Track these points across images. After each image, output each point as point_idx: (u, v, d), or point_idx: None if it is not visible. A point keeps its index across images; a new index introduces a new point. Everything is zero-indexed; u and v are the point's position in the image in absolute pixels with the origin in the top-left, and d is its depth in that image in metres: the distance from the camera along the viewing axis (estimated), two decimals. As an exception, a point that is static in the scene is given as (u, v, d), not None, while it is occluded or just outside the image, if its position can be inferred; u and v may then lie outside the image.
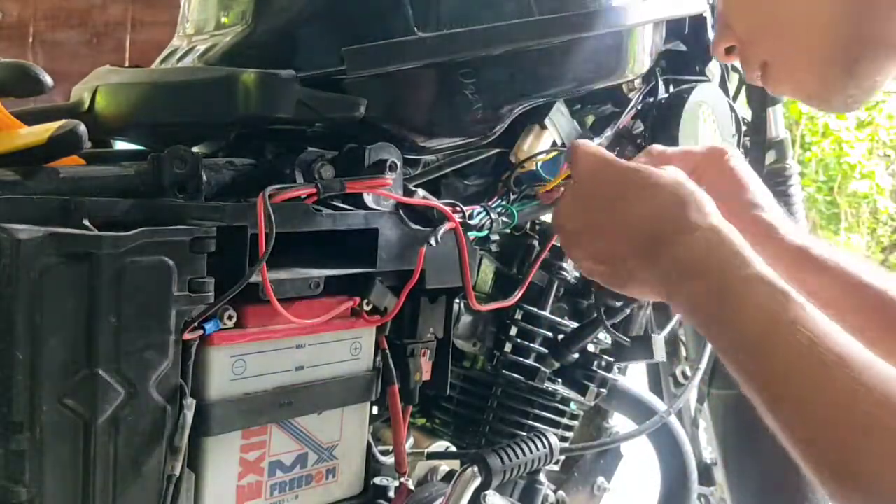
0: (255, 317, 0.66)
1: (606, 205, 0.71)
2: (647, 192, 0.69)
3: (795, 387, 0.57)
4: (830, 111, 0.82)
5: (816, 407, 0.56)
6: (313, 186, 0.68)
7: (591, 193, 0.72)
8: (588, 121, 0.94)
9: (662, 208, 0.68)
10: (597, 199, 0.72)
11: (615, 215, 0.70)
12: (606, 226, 0.71)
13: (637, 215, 0.69)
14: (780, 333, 0.59)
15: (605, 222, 0.71)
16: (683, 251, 0.65)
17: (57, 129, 0.63)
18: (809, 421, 0.57)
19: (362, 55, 0.74)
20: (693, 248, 0.65)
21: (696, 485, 1.15)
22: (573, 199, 0.74)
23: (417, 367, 0.78)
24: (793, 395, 0.58)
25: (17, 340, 0.55)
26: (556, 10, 0.81)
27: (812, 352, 0.57)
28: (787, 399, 0.58)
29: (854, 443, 0.54)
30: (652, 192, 0.69)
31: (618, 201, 0.70)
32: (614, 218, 0.70)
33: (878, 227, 4.43)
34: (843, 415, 0.55)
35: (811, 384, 0.57)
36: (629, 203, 0.69)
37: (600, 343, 0.98)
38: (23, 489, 0.56)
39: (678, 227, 0.66)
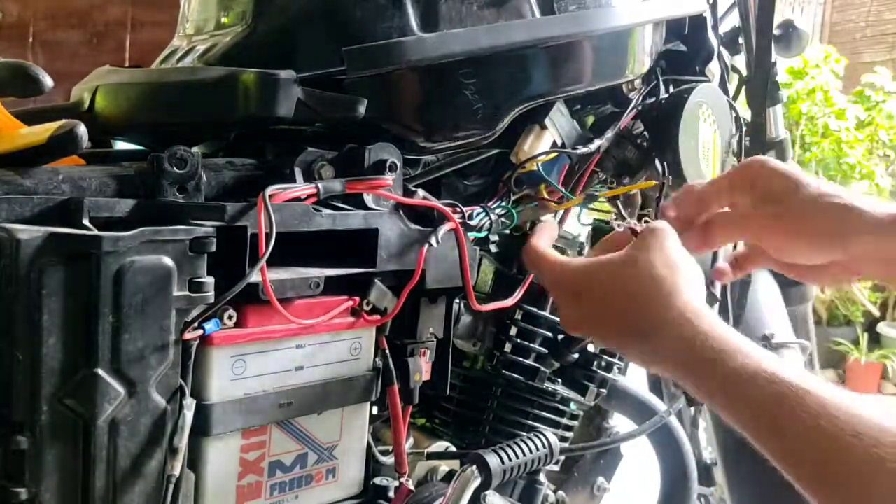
0: (255, 317, 0.66)
1: (586, 307, 0.74)
2: (611, 291, 0.71)
3: (811, 465, 0.59)
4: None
5: (838, 488, 0.57)
6: (313, 187, 0.68)
7: (568, 300, 0.75)
8: (588, 121, 0.94)
9: (634, 306, 0.70)
10: (574, 304, 0.75)
11: (598, 318, 0.73)
12: (592, 323, 0.74)
13: (614, 313, 0.71)
14: (783, 416, 0.60)
15: (590, 320, 0.74)
16: (662, 346, 0.68)
17: (57, 129, 0.63)
18: (837, 497, 0.58)
19: (362, 55, 0.74)
20: (668, 345, 0.67)
21: (695, 485, 1.15)
22: (562, 309, 0.77)
23: (417, 368, 0.78)
24: (810, 474, 0.59)
25: (17, 340, 0.55)
26: (556, 10, 0.81)
27: (819, 428, 0.57)
28: (807, 478, 0.60)
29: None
30: (612, 291, 0.71)
31: (592, 302, 0.73)
32: (600, 319, 0.73)
33: (877, 227, 4.41)
34: (866, 489, 0.55)
35: (826, 461, 0.57)
36: (602, 302, 0.72)
37: (600, 343, 0.98)
38: (23, 489, 0.56)
39: (648, 324, 0.68)
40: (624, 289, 0.70)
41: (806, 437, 0.58)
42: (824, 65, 4.44)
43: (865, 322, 4.45)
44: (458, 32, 0.76)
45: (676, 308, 0.68)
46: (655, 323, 0.68)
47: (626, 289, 0.70)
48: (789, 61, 4.06)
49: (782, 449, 0.61)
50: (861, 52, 5.18)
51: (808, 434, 0.58)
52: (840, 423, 0.56)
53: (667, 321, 0.67)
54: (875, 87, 4.36)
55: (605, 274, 0.72)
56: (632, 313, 0.70)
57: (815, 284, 0.79)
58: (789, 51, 1.25)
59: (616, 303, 0.71)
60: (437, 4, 0.77)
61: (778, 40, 1.21)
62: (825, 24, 5.46)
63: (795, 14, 5.28)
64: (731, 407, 0.64)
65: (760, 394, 0.61)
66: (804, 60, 4.33)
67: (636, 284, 0.70)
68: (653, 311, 0.68)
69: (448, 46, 0.76)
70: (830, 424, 0.57)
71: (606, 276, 0.72)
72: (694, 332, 0.66)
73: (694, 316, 0.67)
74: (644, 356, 0.71)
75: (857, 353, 4.21)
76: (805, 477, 0.59)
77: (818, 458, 0.58)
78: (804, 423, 0.58)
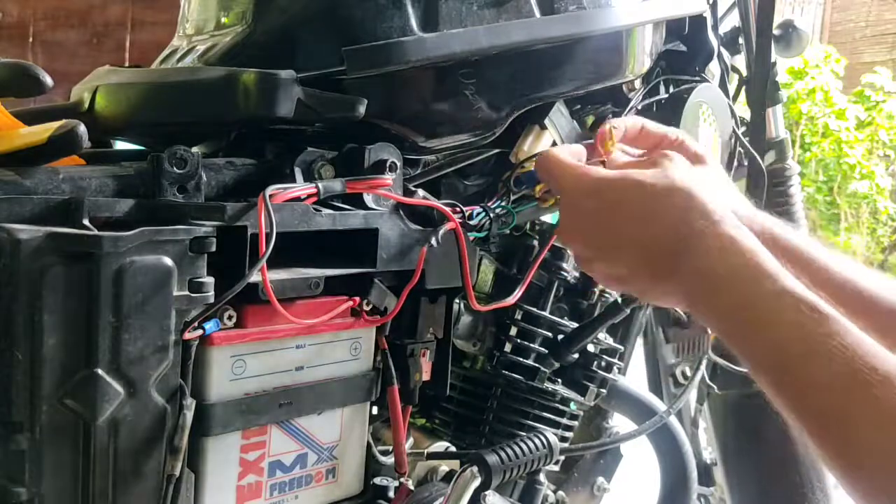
0: (255, 317, 0.66)
1: (603, 225, 0.68)
2: (644, 207, 0.66)
3: (838, 407, 0.54)
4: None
5: (862, 430, 0.52)
6: (313, 187, 0.68)
7: (583, 213, 0.69)
8: (588, 121, 0.94)
9: (664, 222, 0.65)
10: (590, 220, 0.69)
11: (615, 237, 0.67)
12: (609, 248, 0.68)
13: (638, 234, 0.66)
14: (817, 351, 0.55)
15: (607, 245, 0.68)
16: (697, 263, 0.62)
17: (57, 129, 0.63)
18: (855, 444, 0.53)
19: (362, 55, 0.74)
20: (706, 260, 0.62)
21: (695, 485, 1.15)
22: (568, 221, 0.71)
23: (417, 368, 0.78)
24: (835, 415, 0.54)
25: (17, 340, 0.55)
26: (556, 10, 0.81)
27: (853, 368, 0.53)
28: (829, 419, 0.55)
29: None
30: (650, 206, 0.66)
31: (613, 221, 0.67)
32: (616, 240, 0.67)
33: (877, 227, 4.42)
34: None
35: (856, 403, 0.53)
36: (627, 221, 0.66)
37: (600, 343, 0.98)
38: (23, 489, 0.56)
39: (685, 240, 0.63)
40: (655, 199, 0.65)
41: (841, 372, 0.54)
42: (824, 65, 4.45)
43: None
44: (458, 32, 0.76)
45: (723, 219, 0.63)
46: (689, 235, 0.63)
47: (658, 200, 0.65)
48: (789, 61, 4.07)
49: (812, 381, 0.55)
50: (861, 52, 5.19)
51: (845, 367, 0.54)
52: (875, 374, 0.52)
53: (706, 233, 0.62)
54: (875, 87, 4.36)
55: (633, 182, 0.67)
56: (659, 226, 0.64)
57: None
58: (789, 51, 1.25)
59: (641, 213, 0.65)
60: (437, 4, 0.77)
61: (778, 40, 1.21)
62: (825, 24, 5.46)
63: (795, 14, 5.28)
64: (765, 330, 0.58)
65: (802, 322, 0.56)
66: (804, 60, 4.34)
67: (668, 197, 0.65)
68: (687, 223, 0.63)
69: (448, 46, 0.76)
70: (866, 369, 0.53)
71: (634, 184, 0.67)
72: (736, 248, 0.61)
73: (742, 236, 0.62)
74: (662, 278, 0.65)
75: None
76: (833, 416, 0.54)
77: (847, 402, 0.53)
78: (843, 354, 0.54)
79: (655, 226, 0.65)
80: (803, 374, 0.56)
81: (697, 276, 0.63)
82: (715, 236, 0.62)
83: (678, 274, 0.64)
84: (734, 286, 0.61)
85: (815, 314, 0.56)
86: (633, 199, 0.67)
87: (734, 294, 0.61)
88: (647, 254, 0.66)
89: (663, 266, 0.65)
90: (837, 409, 0.54)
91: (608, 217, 0.68)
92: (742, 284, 0.60)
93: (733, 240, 0.62)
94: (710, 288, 0.62)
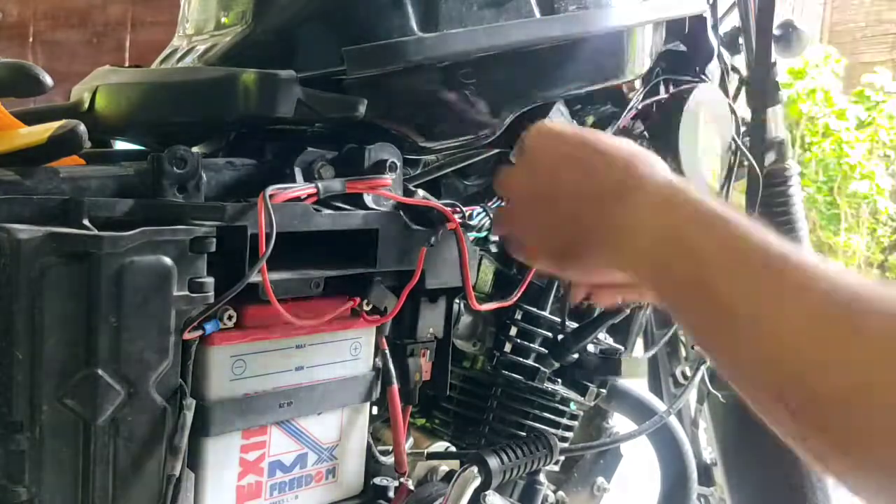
0: (255, 317, 0.66)
1: (552, 170, 0.67)
2: (594, 155, 0.65)
3: (755, 305, 0.51)
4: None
5: (782, 324, 0.49)
6: (313, 187, 0.68)
7: (540, 161, 0.69)
8: (588, 121, 0.94)
9: (610, 166, 0.63)
10: (545, 167, 0.68)
11: (561, 181, 0.66)
12: (552, 192, 0.67)
13: (584, 177, 0.65)
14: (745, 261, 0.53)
15: (551, 189, 0.67)
16: (639, 201, 0.61)
17: (57, 129, 0.63)
18: (772, 339, 0.50)
19: (362, 55, 0.74)
20: (648, 198, 0.60)
21: (695, 485, 1.15)
22: (521, 168, 0.71)
23: (417, 368, 0.78)
24: (753, 314, 0.51)
25: (17, 340, 0.55)
26: (555, 10, 0.81)
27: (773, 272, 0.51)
28: (746, 317, 0.51)
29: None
30: (600, 154, 0.65)
31: (564, 165, 0.67)
32: (560, 183, 0.66)
33: (878, 227, 4.42)
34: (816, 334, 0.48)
35: (779, 302, 0.50)
36: (576, 165, 0.66)
37: (600, 343, 0.98)
38: (23, 489, 0.56)
39: (628, 182, 0.62)
40: (596, 150, 0.65)
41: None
42: (824, 65, 4.44)
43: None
44: (458, 32, 0.76)
45: (665, 170, 0.62)
46: (634, 181, 0.61)
47: (599, 150, 0.65)
48: (789, 61, 4.06)
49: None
50: (861, 52, 5.18)
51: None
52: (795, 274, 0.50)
53: (649, 180, 0.61)
54: (875, 88, 4.36)
55: (575, 137, 0.68)
56: (607, 176, 0.63)
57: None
58: (789, 51, 1.25)
59: (592, 169, 0.65)
60: (437, 4, 0.77)
61: (778, 40, 1.21)
62: (825, 24, 5.46)
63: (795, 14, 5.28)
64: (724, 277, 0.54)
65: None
66: (804, 61, 4.33)
67: (612, 148, 0.65)
68: (631, 170, 0.62)
69: (448, 46, 0.76)
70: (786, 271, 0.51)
71: (575, 139, 0.67)
72: (684, 195, 0.59)
73: (682, 182, 0.61)
74: (598, 230, 0.64)
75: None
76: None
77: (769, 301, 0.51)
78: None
79: (596, 168, 0.65)
80: (720, 283, 0.53)
81: (630, 217, 0.61)
82: (656, 182, 0.61)
83: (610, 216, 0.63)
84: (667, 218, 0.59)
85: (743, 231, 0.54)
86: (584, 145, 0.67)
87: (665, 226, 0.58)
88: (580, 193, 0.65)
89: (596, 207, 0.64)
90: (754, 305, 0.51)
91: (554, 159, 0.68)
92: (674, 218, 0.58)
93: (674, 186, 0.61)
94: (644, 226, 0.60)
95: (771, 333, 0.50)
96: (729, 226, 0.55)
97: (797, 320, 0.49)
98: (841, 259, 4.39)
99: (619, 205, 0.62)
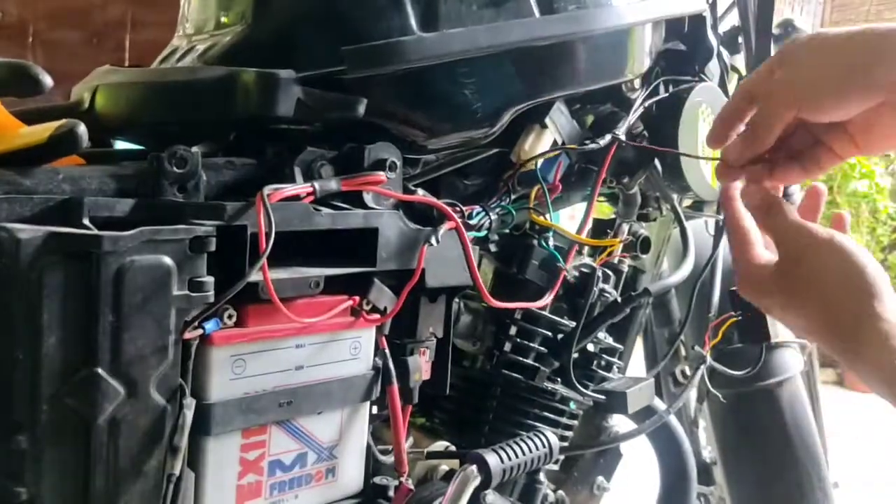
0: (255, 316, 0.66)
1: (807, 285, 0.69)
2: (839, 271, 0.67)
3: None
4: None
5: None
6: (310, 186, 0.68)
7: (804, 276, 0.69)
8: (588, 120, 0.94)
9: (834, 297, 0.67)
10: (805, 282, 0.69)
11: (803, 295, 0.69)
12: (801, 307, 0.69)
13: (824, 294, 0.67)
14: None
15: (800, 304, 0.69)
16: (865, 346, 0.64)
17: (57, 129, 0.63)
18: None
19: (362, 55, 0.74)
20: (873, 348, 0.64)
21: (695, 484, 1.15)
22: (782, 280, 0.71)
23: (417, 367, 0.78)
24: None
25: (17, 340, 0.55)
26: (555, 9, 0.81)
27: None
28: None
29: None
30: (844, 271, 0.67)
31: (817, 284, 0.68)
32: (803, 298, 0.69)
33: (877, 226, 4.42)
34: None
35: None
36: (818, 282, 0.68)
37: (600, 343, 0.98)
38: (23, 489, 0.56)
39: (853, 320, 0.65)
40: (832, 276, 0.67)
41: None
42: (824, 64, 4.43)
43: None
44: (458, 32, 0.76)
45: (885, 311, 0.64)
46: (863, 324, 0.65)
47: (834, 276, 0.67)
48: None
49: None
50: (861, 52, 5.17)
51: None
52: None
53: (874, 318, 0.64)
54: (875, 87, 4.36)
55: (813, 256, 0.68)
56: (835, 305, 0.66)
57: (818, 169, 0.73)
58: (789, 50, 1.25)
59: (821, 290, 0.67)
60: (437, 4, 0.77)
61: (777, 40, 1.21)
62: (825, 24, 5.46)
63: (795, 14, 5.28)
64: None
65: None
66: (804, 60, 4.32)
67: (843, 273, 0.67)
68: (860, 311, 0.65)
69: (448, 46, 0.76)
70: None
71: (815, 259, 0.68)
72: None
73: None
74: (846, 353, 0.67)
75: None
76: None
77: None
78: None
79: (833, 299, 0.67)
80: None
81: (874, 365, 0.64)
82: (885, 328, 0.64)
83: (859, 353, 0.65)
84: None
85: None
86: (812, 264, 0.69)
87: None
88: (832, 323, 0.68)
89: (844, 343, 0.67)
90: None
91: (817, 273, 0.69)
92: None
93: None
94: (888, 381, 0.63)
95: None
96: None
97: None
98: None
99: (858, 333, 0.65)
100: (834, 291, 0.67)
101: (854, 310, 0.65)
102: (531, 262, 0.90)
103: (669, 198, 1.01)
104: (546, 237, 0.90)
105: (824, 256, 0.68)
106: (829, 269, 0.68)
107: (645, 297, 0.95)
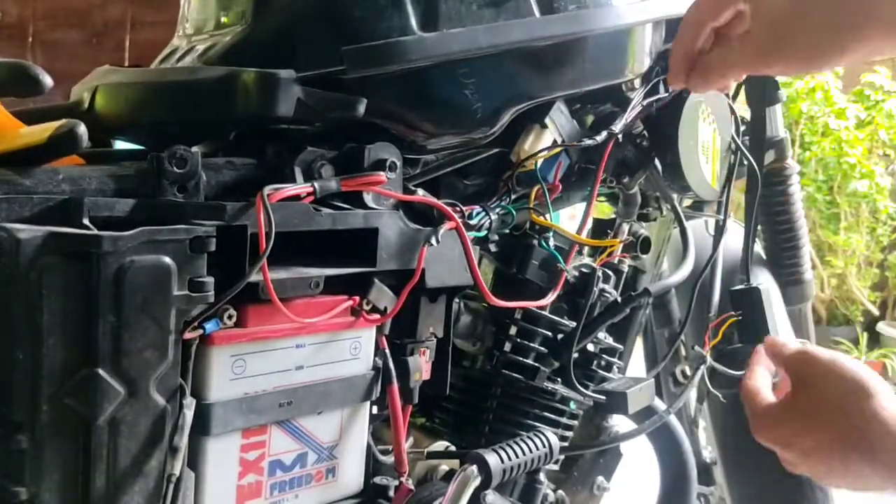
0: (255, 316, 0.66)
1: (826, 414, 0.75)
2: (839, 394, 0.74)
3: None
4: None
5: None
6: (309, 186, 0.68)
7: (816, 405, 0.76)
8: (588, 120, 0.94)
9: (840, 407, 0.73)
10: (820, 410, 0.75)
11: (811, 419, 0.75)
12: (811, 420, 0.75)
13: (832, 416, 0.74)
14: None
15: (811, 418, 0.75)
16: (879, 443, 0.70)
17: (57, 129, 0.63)
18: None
19: (362, 55, 0.74)
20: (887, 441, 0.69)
21: (695, 484, 1.15)
22: (792, 412, 0.78)
23: (417, 367, 0.78)
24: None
25: (17, 340, 0.55)
26: (555, 9, 0.81)
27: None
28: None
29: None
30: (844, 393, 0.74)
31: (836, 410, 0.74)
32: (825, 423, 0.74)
33: (877, 226, 4.42)
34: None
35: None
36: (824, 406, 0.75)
37: (600, 343, 0.98)
38: (23, 489, 0.56)
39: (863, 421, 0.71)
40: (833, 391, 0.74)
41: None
42: (824, 64, 4.43)
43: (865, 321, 4.45)
44: (458, 32, 0.76)
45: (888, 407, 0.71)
46: (868, 418, 0.71)
47: (835, 390, 0.74)
48: (789, 61, 4.05)
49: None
50: (861, 52, 5.17)
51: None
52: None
53: (881, 417, 0.70)
54: (875, 87, 4.35)
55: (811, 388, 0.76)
56: (843, 414, 0.72)
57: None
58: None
59: (827, 407, 0.74)
60: (437, 4, 0.77)
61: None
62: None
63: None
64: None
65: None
66: (804, 60, 4.32)
67: (843, 386, 0.73)
68: (864, 408, 0.71)
69: (448, 46, 0.76)
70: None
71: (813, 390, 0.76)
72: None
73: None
74: (861, 462, 0.72)
75: (856, 352, 4.21)
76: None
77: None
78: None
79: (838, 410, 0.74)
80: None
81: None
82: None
83: (875, 454, 0.71)
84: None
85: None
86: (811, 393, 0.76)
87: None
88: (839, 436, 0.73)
89: (859, 448, 0.72)
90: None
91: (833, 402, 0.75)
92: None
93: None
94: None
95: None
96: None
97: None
98: (841, 258, 4.39)
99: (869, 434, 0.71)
100: (840, 398, 0.73)
101: (861, 406, 0.72)
102: (531, 263, 0.90)
103: (669, 198, 1.01)
104: (546, 237, 0.90)
105: (826, 377, 0.75)
106: (830, 384, 0.75)
107: (645, 297, 0.95)
